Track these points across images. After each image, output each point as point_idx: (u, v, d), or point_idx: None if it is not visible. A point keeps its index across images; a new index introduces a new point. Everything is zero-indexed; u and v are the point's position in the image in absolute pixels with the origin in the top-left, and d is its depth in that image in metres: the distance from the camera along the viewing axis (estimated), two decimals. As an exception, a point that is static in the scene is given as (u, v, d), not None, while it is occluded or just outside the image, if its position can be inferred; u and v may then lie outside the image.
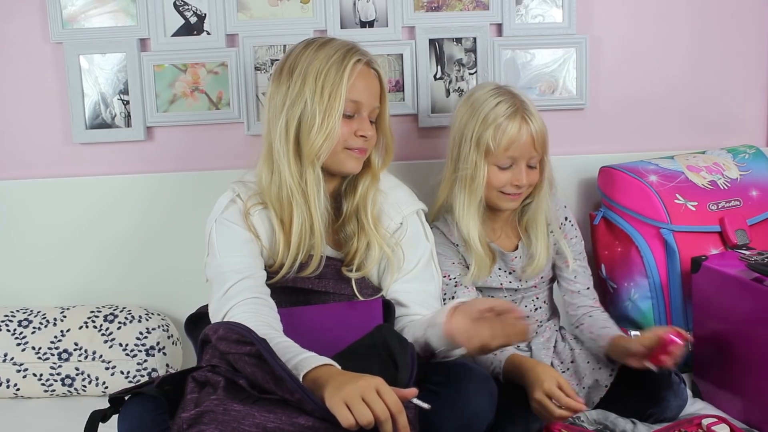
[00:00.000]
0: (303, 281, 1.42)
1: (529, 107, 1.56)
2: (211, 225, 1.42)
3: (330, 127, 1.36)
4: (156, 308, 1.87)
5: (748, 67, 2.01)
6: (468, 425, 1.22)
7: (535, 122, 1.55)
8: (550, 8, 1.90)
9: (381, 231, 1.44)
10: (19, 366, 1.75)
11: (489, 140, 1.53)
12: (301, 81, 1.38)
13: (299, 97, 1.38)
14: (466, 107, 1.59)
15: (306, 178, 1.38)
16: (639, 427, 1.48)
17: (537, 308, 1.69)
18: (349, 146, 1.41)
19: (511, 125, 1.52)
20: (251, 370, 1.13)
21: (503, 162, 1.55)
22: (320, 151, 1.37)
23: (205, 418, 1.08)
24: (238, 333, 1.16)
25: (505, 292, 1.66)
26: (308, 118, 1.37)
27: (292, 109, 1.38)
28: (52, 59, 1.88)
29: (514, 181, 1.56)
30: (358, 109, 1.41)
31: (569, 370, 1.63)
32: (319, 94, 1.36)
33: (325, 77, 1.37)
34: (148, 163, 1.92)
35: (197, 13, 1.87)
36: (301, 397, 1.07)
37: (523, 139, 1.53)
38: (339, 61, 1.38)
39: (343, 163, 1.42)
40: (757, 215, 1.79)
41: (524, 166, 1.56)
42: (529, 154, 1.55)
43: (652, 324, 1.75)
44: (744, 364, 1.52)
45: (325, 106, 1.36)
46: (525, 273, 1.64)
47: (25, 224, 1.89)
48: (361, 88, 1.40)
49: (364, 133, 1.41)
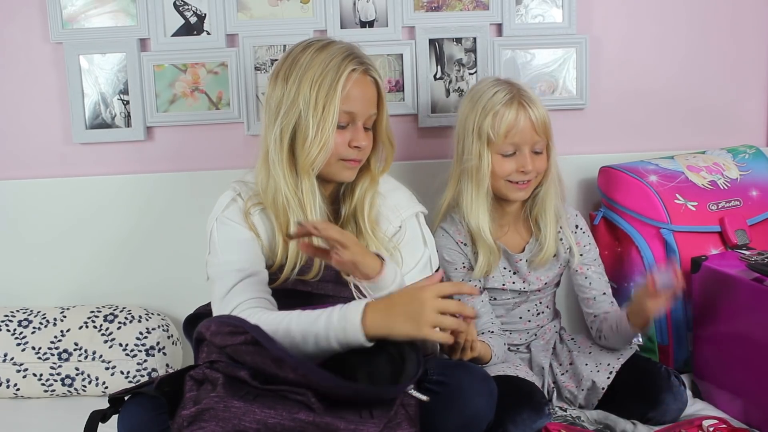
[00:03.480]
0: (303, 285, 1.41)
1: (527, 94, 1.56)
2: (212, 224, 1.42)
3: (324, 140, 1.35)
4: (156, 308, 1.87)
5: (747, 67, 2.01)
6: (468, 425, 1.22)
7: (533, 107, 1.55)
8: (550, 8, 1.90)
9: (379, 235, 1.44)
10: (19, 366, 1.75)
11: (489, 128, 1.54)
12: (296, 89, 1.37)
13: (293, 105, 1.37)
14: (467, 101, 1.60)
15: (302, 188, 1.38)
16: (639, 428, 1.48)
17: (539, 312, 1.69)
18: (344, 157, 1.40)
19: (508, 111, 1.53)
20: (251, 357, 1.13)
21: (506, 149, 1.55)
22: (315, 163, 1.37)
23: (205, 415, 1.09)
24: (230, 325, 1.16)
25: (509, 294, 1.65)
26: (303, 129, 1.36)
27: (286, 118, 1.37)
28: (52, 59, 1.88)
29: (520, 167, 1.55)
30: (353, 119, 1.40)
31: (568, 372, 1.63)
32: (313, 105, 1.35)
33: (319, 88, 1.35)
34: (148, 163, 1.92)
35: (197, 13, 1.87)
36: (305, 372, 1.08)
37: (521, 125, 1.53)
38: (334, 70, 1.36)
39: (338, 174, 1.42)
40: (757, 215, 1.79)
41: (528, 152, 1.55)
42: (532, 139, 1.55)
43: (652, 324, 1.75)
44: (744, 364, 1.52)
45: (319, 118, 1.35)
46: (532, 264, 1.63)
47: (25, 224, 1.89)
48: (356, 98, 1.38)
49: (358, 143, 1.39)
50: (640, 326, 1.55)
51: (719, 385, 1.61)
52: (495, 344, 1.54)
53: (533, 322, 1.68)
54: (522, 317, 1.67)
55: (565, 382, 1.62)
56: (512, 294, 1.65)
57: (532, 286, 1.65)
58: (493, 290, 1.65)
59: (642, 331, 1.62)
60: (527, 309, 1.68)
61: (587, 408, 1.58)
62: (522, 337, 1.68)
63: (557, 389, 1.63)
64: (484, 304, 1.62)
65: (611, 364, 1.57)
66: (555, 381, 1.64)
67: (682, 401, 1.53)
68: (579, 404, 1.59)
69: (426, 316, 1.14)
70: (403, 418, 1.13)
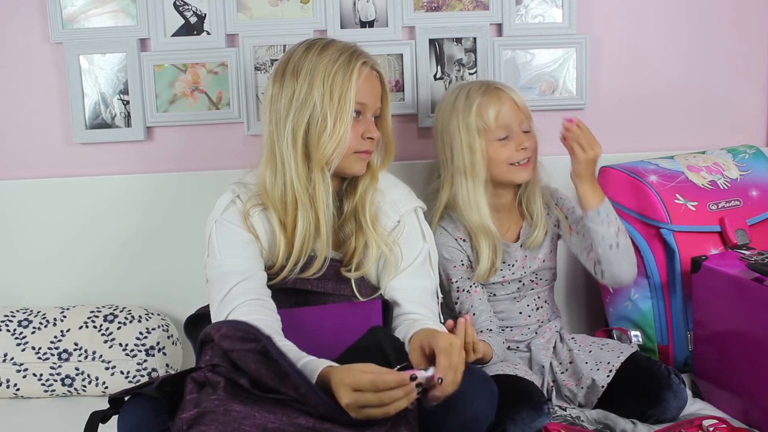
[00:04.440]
0: (303, 282, 1.42)
1: (496, 83, 1.65)
2: (211, 226, 1.42)
3: (342, 131, 1.37)
4: (156, 308, 1.87)
5: (748, 67, 2.01)
6: (468, 426, 1.22)
7: (509, 90, 1.62)
8: (550, 8, 1.90)
9: (379, 230, 1.44)
10: (19, 366, 1.75)
11: (477, 121, 1.59)
12: (308, 84, 1.37)
13: (307, 100, 1.37)
14: (442, 111, 1.67)
15: (314, 183, 1.38)
16: (639, 428, 1.48)
17: (538, 308, 1.70)
18: (358, 149, 1.41)
19: (490, 98, 1.60)
20: (255, 366, 1.13)
21: (499, 133, 1.60)
22: (332, 157, 1.37)
23: (205, 419, 1.08)
24: (242, 330, 1.16)
25: (510, 286, 1.67)
26: (318, 122, 1.37)
27: (299, 113, 1.37)
28: (52, 59, 1.88)
29: (518, 146, 1.59)
30: (364, 111, 1.42)
31: (568, 371, 1.63)
32: (328, 97, 1.36)
33: (333, 80, 1.37)
34: (148, 163, 1.92)
35: (197, 13, 1.87)
36: (307, 391, 1.08)
37: (506, 106, 1.60)
38: (346, 63, 1.38)
39: (352, 166, 1.43)
40: (757, 215, 1.79)
41: (520, 131, 1.60)
42: (519, 118, 1.61)
43: (652, 324, 1.75)
44: (744, 364, 1.52)
45: (335, 110, 1.36)
46: (527, 246, 1.66)
47: (25, 224, 1.89)
48: (366, 90, 1.41)
49: (371, 134, 1.42)
50: (584, 192, 1.57)
51: (719, 385, 1.61)
52: (494, 343, 1.55)
53: (533, 317, 1.69)
54: (522, 312, 1.68)
55: (564, 380, 1.62)
56: (513, 285, 1.67)
57: (531, 267, 1.67)
58: (493, 285, 1.66)
59: (590, 198, 1.58)
60: (527, 304, 1.69)
61: (587, 406, 1.59)
62: (523, 333, 1.68)
63: (557, 388, 1.64)
64: (482, 302, 1.63)
65: (611, 362, 1.58)
66: (554, 379, 1.65)
67: (682, 399, 1.53)
68: (578, 403, 1.60)
69: (356, 415, 1.08)
70: (402, 423, 1.13)
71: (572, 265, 1.96)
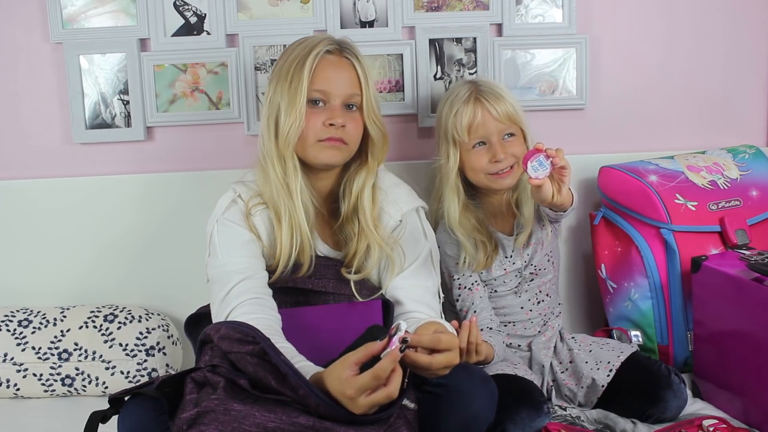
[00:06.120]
0: (303, 282, 1.42)
1: (486, 89, 1.61)
2: (213, 225, 1.42)
3: (295, 116, 1.39)
4: (156, 308, 1.87)
5: (748, 67, 2.00)
6: (468, 426, 1.22)
7: (492, 101, 1.59)
8: (550, 8, 1.90)
9: (381, 231, 1.44)
10: (19, 366, 1.75)
11: (453, 129, 1.61)
12: (276, 79, 1.43)
13: (275, 94, 1.42)
14: (441, 103, 1.69)
15: (286, 171, 1.41)
16: (639, 427, 1.48)
17: (540, 301, 1.70)
18: (321, 137, 1.41)
19: (466, 109, 1.60)
20: (253, 368, 1.13)
21: (473, 143, 1.61)
22: (288, 138, 1.40)
23: (205, 418, 1.08)
24: (241, 332, 1.16)
25: (511, 280, 1.67)
26: (282, 111, 1.40)
27: (270, 107, 1.42)
28: (52, 59, 1.88)
29: (492, 158, 1.60)
30: (327, 98, 1.42)
31: (568, 371, 1.64)
32: (287, 86, 1.40)
33: (291, 70, 1.40)
34: (148, 163, 1.92)
35: (197, 13, 1.87)
36: (306, 392, 1.08)
37: (479, 119, 1.59)
38: (306, 52, 1.41)
39: (319, 155, 1.43)
40: (757, 215, 1.79)
41: (497, 141, 1.60)
42: (497, 129, 1.60)
43: (652, 324, 1.75)
44: (744, 364, 1.52)
45: (290, 96, 1.39)
46: (521, 239, 1.66)
47: (25, 224, 1.89)
48: (329, 78, 1.42)
49: (332, 121, 1.41)
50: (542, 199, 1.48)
51: (719, 385, 1.61)
52: (495, 342, 1.55)
53: (535, 311, 1.69)
54: (524, 307, 1.69)
55: (564, 379, 1.62)
56: (513, 279, 1.67)
57: (530, 258, 1.68)
58: (494, 281, 1.66)
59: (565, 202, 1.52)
60: (527, 299, 1.69)
61: (587, 406, 1.59)
62: (526, 328, 1.69)
63: (557, 387, 1.64)
64: (483, 299, 1.64)
65: (611, 362, 1.58)
66: (555, 379, 1.65)
67: (682, 398, 1.53)
68: (578, 402, 1.60)
69: (356, 410, 1.07)
70: (401, 423, 1.13)
71: (572, 265, 1.97)
